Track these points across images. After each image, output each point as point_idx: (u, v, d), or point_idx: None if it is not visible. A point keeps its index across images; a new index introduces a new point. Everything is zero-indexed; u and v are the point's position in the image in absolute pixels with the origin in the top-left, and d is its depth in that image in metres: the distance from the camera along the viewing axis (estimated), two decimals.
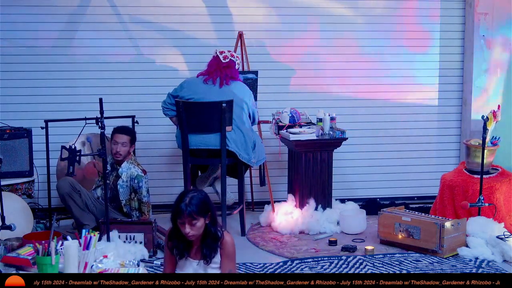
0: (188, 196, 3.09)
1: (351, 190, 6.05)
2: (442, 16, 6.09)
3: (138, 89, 5.77)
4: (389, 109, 6.13)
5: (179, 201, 3.08)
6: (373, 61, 6.05)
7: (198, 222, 3.07)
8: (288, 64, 5.94)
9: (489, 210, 4.81)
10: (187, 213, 3.04)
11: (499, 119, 4.98)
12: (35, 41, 5.64)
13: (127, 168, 4.87)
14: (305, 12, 5.92)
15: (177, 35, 5.80)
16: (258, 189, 5.78)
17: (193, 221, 3.06)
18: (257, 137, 5.02)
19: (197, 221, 3.07)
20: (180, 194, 3.14)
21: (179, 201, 3.08)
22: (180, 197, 3.11)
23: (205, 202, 3.11)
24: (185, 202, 3.06)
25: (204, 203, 3.10)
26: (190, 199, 3.07)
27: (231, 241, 3.21)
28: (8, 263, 3.43)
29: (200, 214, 3.07)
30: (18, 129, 5.06)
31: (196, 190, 3.18)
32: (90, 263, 3.02)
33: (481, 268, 4.34)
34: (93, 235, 3.10)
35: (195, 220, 3.06)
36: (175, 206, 3.09)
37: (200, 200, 3.09)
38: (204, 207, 3.10)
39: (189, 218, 3.05)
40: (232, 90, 4.85)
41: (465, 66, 6.09)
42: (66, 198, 4.78)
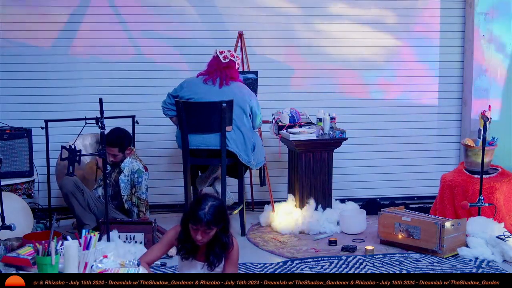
0: (207, 204, 3.02)
1: (351, 190, 6.05)
2: (442, 16, 6.09)
3: (138, 89, 5.77)
4: (389, 109, 6.13)
5: (197, 207, 3.02)
6: (373, 61, 6.05)
7: (212, 231, 3.05)
8: (288, 64, 5.94)
9: (489, 210, 4.81)
10: (205, 223, 2.99)
11: (491, 118, 4.97)
12: (35, 41, 5.64)
13: (129, 162, 4.90)
14: (305, 12, 5.92)
15: (177, 35, 5.80)
16: (258, 189, 5.79)
17: (208, 230, 3.02)
18: (257, 139, 5.00)
19: (212, 230, 3.04)
20: (198, 199, 3.08)
21: (198, 208, 3.02)
22: (198, 203, 3.05)
23: (223, 212, 3.07)
24: (204, 211, 3.00)
25: (221, 213, 3.06)
26: (209, 208, 3.01)
27: (236, 248, 3.19)
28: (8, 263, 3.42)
29: (216, 224, 3.04)
30: (18, 129, 5.06)
31: (214, 198, 3.10)
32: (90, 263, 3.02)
33: (481, 268, 4.34)
34: (93, 235, 3.09)
35: (210, 229, 3.03)
36: (192, 211, 3.03)
37: (218, 210, 3.04)
38: (221, 217, 3.06)
39: (205, 227, 3.01)
40: (232, 91, 4.84)
41: (465, 66, 6.09)
42: (69, 196, 4.78)
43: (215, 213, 3.02)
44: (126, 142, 4.93)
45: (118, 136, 4.88)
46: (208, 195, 3.12)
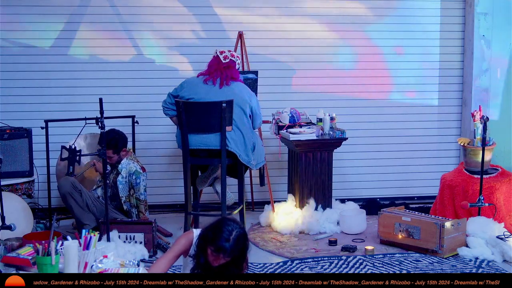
0: (231, 233, 2.84)
1: (351, 190, 6.05)
2: (442, 16, 6.09)
3: (138, 89, 5.77)
4: (389, 109, 6.13)
5: (220, 234, 2.83)
6: (373, 61, 6.05)
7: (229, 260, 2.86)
8: (288, 64, 5.95)
9: (489, 210, 4.81)
10: (228, 253, 2.82)
11: (478, 119, 4.99)
12: (35, 41, 5.64)
13: (127, 164, 4.90)
14: (305, 12, 5.92)
15: (177, 35, 5.80)
16: (258, 189, 5.78)
17: (226, 258, 2.84)
18: (257, 139, 4.99)
19: (229, 259, 2.85)
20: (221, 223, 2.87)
21: (221, 235, 2.82)
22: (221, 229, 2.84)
23: (246, 241, 2.89)
24: (229, 243, 2.82)
25: (244, 242, 2.88)
26: (234, 239, 2.83)
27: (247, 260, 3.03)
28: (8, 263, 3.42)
29: (235, 255, 2.86)
30: (18, 129, 5.06)
31: (239, 226, 2.90)
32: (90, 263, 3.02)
33: (481, 268, 4.34)
34: (93, 235, 3.09)
35: (227, 258, 2.85)
36: (214, 237, 2.83)
37: (243, 240, 2.87)
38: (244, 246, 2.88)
39: (223, 255, 2.83)
40: (232, 91, 4.83)
41: (465, 66, 6.09)
42: (67, 197, 4.79)
43: (238, 243, 2.85)
44: (121, 144, 4.91)
45: (112, 138, 4.85)
46: (233, 220, 2.93)
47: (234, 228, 2.87)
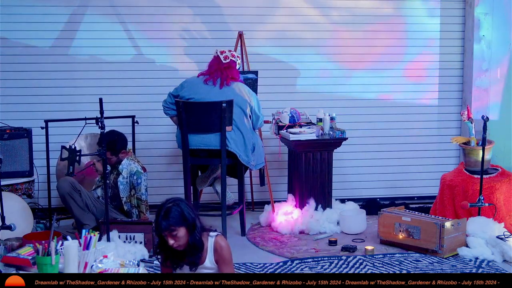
0: (163, 209, 3.09)
1: (351, 190, 6.05)
2: (442, 16, 6.09)
3: (138, 89, 5.77)
4: (389, 109, 6.13)
5: (157, 215, 3.10)
6: (373, 61, 6.05)
7: (178, 232, 3.07)
8: (288, 64, 5.94)
9: (489, 210, 4.81)
10: (164, 227, 3.05)
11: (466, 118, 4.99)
12: (35, 41, 5.64)
13: (127, 164, 4.89)
14: (305, 12, 5.92)
15: (177, 35, 5.80)
16: (258, 189, 5.79)
17: (173, 232, 3.06)
18: (257, 140, 5.00)
19: (177, 231, 3.07)
20: (159, 207, 3.14)
21: (157, 215, 3.10)
22: (158, 211, 3.11)
23: (181, 212, 3.09)
24: (161, 216, 3.07)
25: (179, 213, 3.08)
26: (165, 212, 3.07)
27: (226, 246, 3.19)
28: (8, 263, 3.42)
29: (177, 225, 3.07)
30: (18, 129, 5.05)
31: (172, 201, 3.13)
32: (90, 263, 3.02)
33: (481, 268, 4.34)
34: (93, 235, 3.09)
35: (174, 231, 3.06)
36: (156, 223, 3.10)
37: (175, 212, 3.08)
38: (180, 217, 3.08)
39: (168, 231, 3.06)
40: (232, 91, 4.84)
41: (465, 66, 6.09)
42: (67, 197, 4.79)
43: (171, 215, 3.06)
44: (119, 145, 4.88)
45: (110, 141, 4.82)
46: (167, 200, 3.15)
47: (166, 204, 3.11)
